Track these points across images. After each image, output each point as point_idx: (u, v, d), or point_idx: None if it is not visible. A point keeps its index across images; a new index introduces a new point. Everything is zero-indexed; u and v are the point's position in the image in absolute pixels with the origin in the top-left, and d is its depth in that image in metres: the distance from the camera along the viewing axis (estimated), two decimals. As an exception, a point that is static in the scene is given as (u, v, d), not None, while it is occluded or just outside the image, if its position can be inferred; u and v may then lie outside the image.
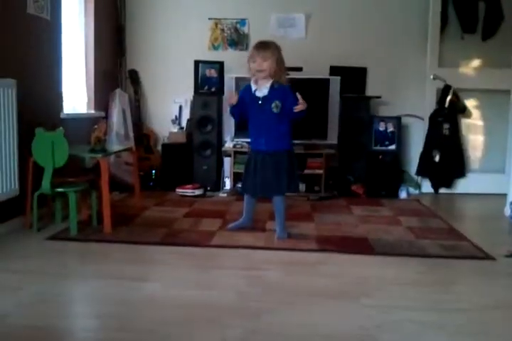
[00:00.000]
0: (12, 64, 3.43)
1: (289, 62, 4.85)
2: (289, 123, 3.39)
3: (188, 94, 5.22)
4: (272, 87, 3.30)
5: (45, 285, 2.48)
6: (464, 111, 5.19)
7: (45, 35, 3.86)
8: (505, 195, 4.27)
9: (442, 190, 5.23)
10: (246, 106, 3.37)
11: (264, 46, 3.29)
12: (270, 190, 3.38)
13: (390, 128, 5.07)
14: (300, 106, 3.23)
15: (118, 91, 5.13)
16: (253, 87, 3.34)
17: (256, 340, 1.95)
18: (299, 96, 3.25)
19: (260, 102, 3.31)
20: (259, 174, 3.34)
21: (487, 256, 3.07)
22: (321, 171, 4.80)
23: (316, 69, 5.01)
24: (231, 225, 3.57)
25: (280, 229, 3.40)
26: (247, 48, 5.23)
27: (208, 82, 5.09)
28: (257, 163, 3.36)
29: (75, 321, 2.19)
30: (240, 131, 4.75)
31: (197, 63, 5.09)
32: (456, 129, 5.16)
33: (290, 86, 3.38)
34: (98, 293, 2.43)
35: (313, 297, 2.40)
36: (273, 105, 3.29)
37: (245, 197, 3.56)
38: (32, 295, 2.35)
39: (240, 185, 3.61)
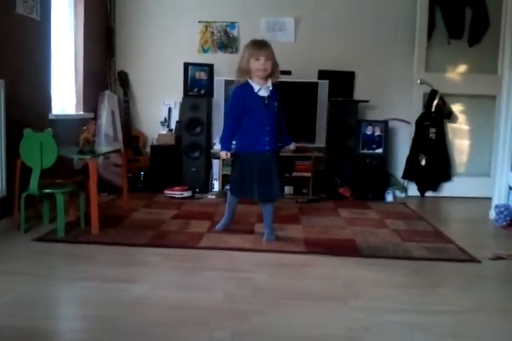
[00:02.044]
0: (1, 64, 3.42)
1: (277, 66, 4.90)
2: None
3: (178, 96, 5.23)
4: (273, 87, 3.34)
5: (32, 287, 2.48)
6: (450, 115, 5.25)
7: (35, 35, 3.85)
8: (490, 199, 4.32)
9: (428, 194, 5.28)
10: (245, 109, 3.32)
11: (266, 45, 3.29)
12: (269, 195, 3.34)
13: (377, 132, 5.12)
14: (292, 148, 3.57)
15: (107, 92, 5.13)
16: (256, 87, 3.30)
17: (244, 341, 1.97)
18: (293, 144, 3.55)
19: (266, 102, 3.30)
20: (260, 177, 3.29)
21: (472, 259, 3.10)
22: (308, 174, 4.84)
23: (304, 73, 5.04)
24: (218, 226, 3.58)
25: (269, 231, 3.42)
26: (236, 51, 5.25)
27: (197, 84, 5.11)
28: (256, 164, 3.30)
29: (62, 322, 2.19)
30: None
31: (186, 65, 5.10)
32: (442, 133, 5.22)
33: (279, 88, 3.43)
34: (85, 295, 2.43)
35: (301, 299, 2.42)
36: (275, 104, 3.34)
37: (230, 197, 3.53)
38: (19, 297, 2.35)
39: (229, 187, 3.56)
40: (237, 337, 2.00)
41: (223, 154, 3.39)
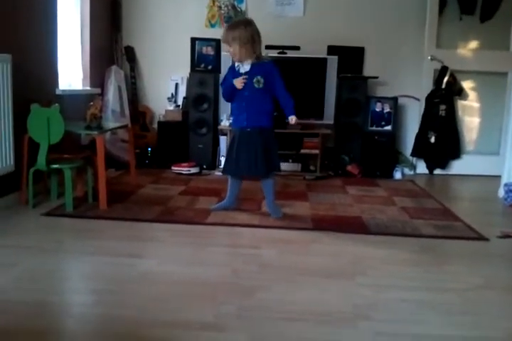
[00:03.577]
0: (7, 39, 3.39)
1: (286, 41, 4.86)
2: (272, 102, 3.36)
3: (185, 71, 5.19)
4: (253, 63, 3.28)
5: (41, 261, 2.49)
6: (460, 92, 5.18)
7: (41, 10, 3.81)
8: (499, 177, 4.29)
9: (437, 171, 5.25)
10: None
11: (229, 29, 3.26)
12: (251, 170, 3.31)
13: (387, 109, 5.06)
14: (294, 121, 3.34)
15: (114, 67, 5.09)
16: (236, 64, 3.33)
17: (249, 317, 1.97)
18: (294, 117, 3.32)
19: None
20: (243, 153, 3.28)
21: (480, 237, 3.10)
22: (316, 151, 4.81)
23: (313, 48, 4.98)
24: (214, 206, 3.55)
25: (272, 209, 3.41)
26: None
27: (204, 59, 5.06)
28: (239, 141, 3.31)
29: (72, 297, 2.21)
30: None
31: (193, 40, 5.04)
32: (452, 110, 5.16)
33: (273, 62, 3.36)
34: (94, 269, 2.45)
35: (308, 275, 2.43)
36: (254, 80, 3.26)
37: (230, 177, 3.50)
38: (27, 271, 2.37)
39: (223, 167, 3.52)
40: (243, 312, 2.01)
41: (237, 80, 3.27)
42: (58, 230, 3.02)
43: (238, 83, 3.25)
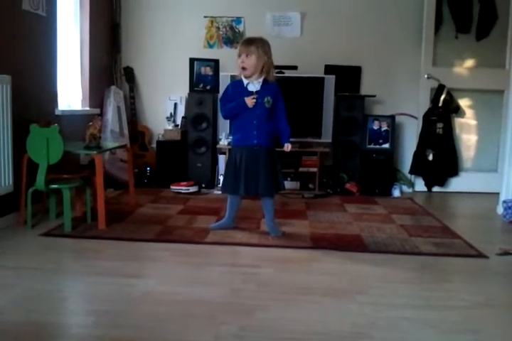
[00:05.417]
0: (7, 60, 3.42)
1: (283, 61, 4.90)
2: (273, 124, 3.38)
3: (183, 91, 5.23)
4: (264, 82, 3.30)
5: (39, 282, 2.48)
6: (457, 110, 5.21)
7: (41, 31, 3.85)
8: (497, 194, 4.30)
9: (435, 189, 5.26)
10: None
11: (248, 42, 3.26)
12: (257, 190, 3.29)
13: (384, 127, 5.09)
14: (290, 148, 3.41)
15: (113, 88, 5.13)
16: (245, 81, 3.30)
17: (249, 337, 1.96)
18: (290, 145, 3.40)
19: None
20: (251, 172, 3.26)
21: (480, 254, 3.09)
22: (315, 169, 4.83)
23: (310, 67, 5.03)
24: (213, 225, 3.54)
25: (271, 227, 3.40)
26: (242, 46, 5.23)
27: (203, 79, 5.10)
28: (247, 160, 3.27)
29: (70, 317, 2.19)
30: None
31: (192, 61, 5.10)
32: (449, 128, 5.19)
33: (278, 84, 3.38)
34: (92, 290, 2.43)
35: (307, 294, 2.41)
36: (265, 100, 3.28)
37: (229, 196, 3.48)
38: (26, 292, 2.35)
39: (222, 185, 3.50)
40: (243, 332, 1.99)
41: (249, 99, 3.25)
42: (57, 250, 3.01)
43: (251, 102, 3.23)
